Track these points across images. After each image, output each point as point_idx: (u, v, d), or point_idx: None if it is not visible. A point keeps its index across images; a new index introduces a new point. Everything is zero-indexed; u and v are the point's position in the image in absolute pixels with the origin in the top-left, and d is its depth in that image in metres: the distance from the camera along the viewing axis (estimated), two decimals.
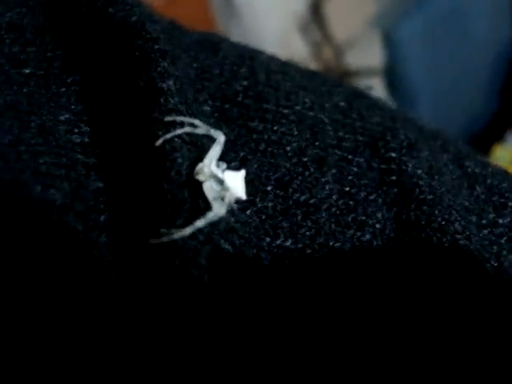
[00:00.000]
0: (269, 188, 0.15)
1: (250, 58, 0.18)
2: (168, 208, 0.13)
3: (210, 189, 0.14)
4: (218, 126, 0.15)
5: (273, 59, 0.19)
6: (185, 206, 0.13)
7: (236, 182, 0.14)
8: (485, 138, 1.16)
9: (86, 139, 0.15)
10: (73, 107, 0.15)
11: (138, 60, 0.15)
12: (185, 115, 0.14)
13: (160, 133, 0.14)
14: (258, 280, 0.13)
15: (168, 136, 0.14)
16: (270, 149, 0.15)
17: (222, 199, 0.14)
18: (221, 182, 0.14)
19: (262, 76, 0.17)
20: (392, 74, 1.11)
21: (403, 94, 1.08)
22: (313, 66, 1.27)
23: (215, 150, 0.14)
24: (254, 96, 0.16)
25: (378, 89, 1.22)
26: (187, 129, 0.14)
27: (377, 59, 1.24)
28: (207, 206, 0.14)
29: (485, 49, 1.20)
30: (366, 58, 1.32)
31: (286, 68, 0.18)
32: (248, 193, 0.15)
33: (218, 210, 0.13)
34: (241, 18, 1.37)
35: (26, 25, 0.16)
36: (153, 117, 0.14)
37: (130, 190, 0.14)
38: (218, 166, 0.14)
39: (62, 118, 0.15)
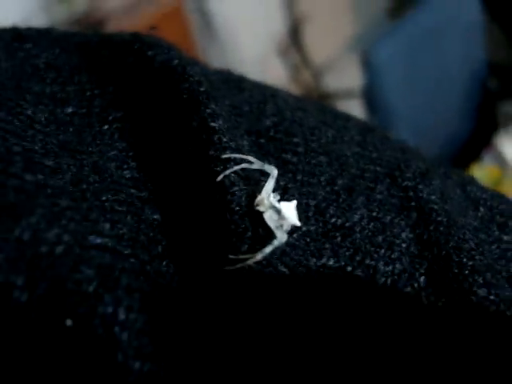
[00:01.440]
0: (310, 214, 0.16)
1: (272, 95, 0.19)
2: (232, 237, 0.15)
3: (270, 218, 0.15)
4: (259, 159, 0.16)
5: (290, 96, 0.20)
6: (247, 234, 0.15)
7: (290, 211, 0.16)
8: (462, 158, 1.18)
9: (136, 174, 0.16)
10: (117, 144, 0.16)
11: (187, 102, 0.16)
12: (236, 151, 0.16)
13: (218, 169, 0.15)
14: (309, 296, 0.15)
15: (227, 172, 0.15)
16: (305, 178, 0.17)
17: (282, 227, 0.15)
18: (278, 211, 0.15)
19: (288, 113, 0.19)
20: (370, 96, 1.13)
21: (382, 115, 1.10)
22: (292, 88, 1.29)
23: (270, 183, 0.15)
24: (283, 131, 0.18)
25: (356, 110, 1.24)
26: (244, 165, 0.15)
27: (355, 81, 1.25)
28: (268, 234, 0.15)
29: (460, 69, 1.23)
30: (344, 80, 1.33)
31: (303, 104, 0.20)
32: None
33: (281, 237, 0.15)
34: (220, 42, 1.39)
35: (63, 65, 0.17)
36: (209, 154, 0.15)
37: (188, 222, 0.15)
38: (273, 197, 0.16)
39: (110, 155, 0.16)
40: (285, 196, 0.17)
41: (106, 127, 0.16)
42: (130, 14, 1.18)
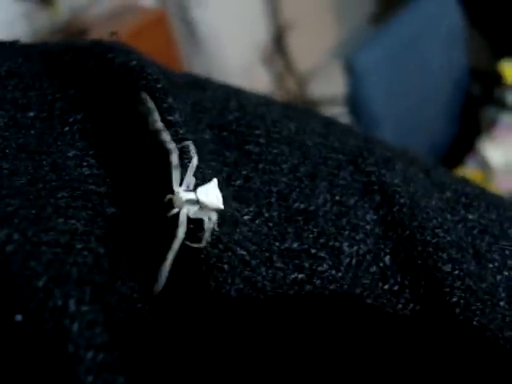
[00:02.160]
0: (272, 200, 0.17)
1: (235, 93, 0.20)
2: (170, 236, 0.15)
3: (190, 213, 0.15)
4: (219, 151, 0.17)
5: (253, 94, 0.21)
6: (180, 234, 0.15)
7: (210, 195, 0.16)
8: (446, 163, 1.18)
9: (96, 171, 0.16)
10: (78, 144, 0.17)
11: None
12: (193, 143, 0.16)
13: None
14: (272, 280, 0.15)
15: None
16: (267, 167, 0.18)
17: (206, 213, 0.15)
18: (196, 201, 0.15)
19: (250, 108, 0.19)
20: (354, 103, 1.13)
21: (366, 122, 1.10)
22: (276, 96, 1.29)
23: (176, 176, 0.15)
24: (245, 124, 0.19)
25: (341, 117, 1.24)
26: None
27: (339, 88, 1.26)
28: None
29: (443, 76, 1.24)
30: (328, 87, 1.34)
31: (266, 101, 0.21)
32: (255, 205, 0.17)
33: (208, 224, 0.15)
34: (205, 49, 1.39)
35: (25, 72, 0.18)
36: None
37: (142, 214, 0.16)
38: (185, 189, 0.16)
39: (70, 154, 0.16)
40: (246, 184, 0.17)
41: (66, 129, 0.17)
42: (113, 22, 1.17)
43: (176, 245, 0.14)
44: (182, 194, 0.15)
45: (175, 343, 0.14)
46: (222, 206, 0.15)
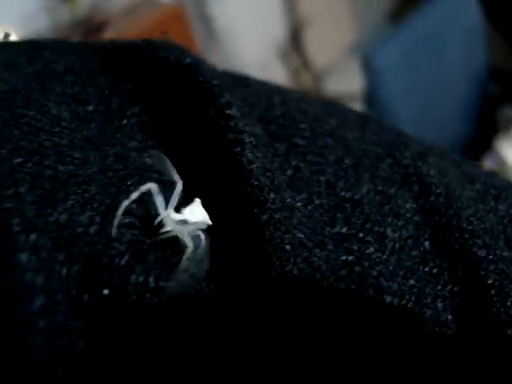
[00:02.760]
0: (321, 188, 0.18)
1: (277, 89, 0.21)
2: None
3: (180, 233, 0.16)
4: (269, 143, 0.18)
5: (292, 90, 0.22)
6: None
7: (196, 213, 0.16)
8: None
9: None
10: (137, 136, 0.18)
11: (204, 93, 0.17)
12: (251, 136, 0.17)
13: (237, 150, 0.17)
14: (326, 261, 0.16)
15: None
16: (315, 158, 0.19)
17: (193, 231, 0.16)
18: (184, 221, 0.16)
19: (292, 104, 0.20)
20: (371, 99, 1.13)
21: (382, 119, 1.09)
22: None
23: (159, 200, 0.16)
24: (290, 119, 0.19)
25: None
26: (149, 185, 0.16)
27: (355, 85, 1.26)
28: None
29: (460, 74, 1.23)
30: (344, 83, 1.34)
31: (306, 97, 0.22)
32: (306, 193, 0.18)
33: (190, 245, 0.15)
34: (221, 45, 1.39)
35: (80, 69, 0.19)
36: (227, 137, 0.17)
37: (206, 199, 0.17)
38: (171, 212, 0.16)
39: (131, 145, 0.17)
40: (296, 174, 0.18)
41: (124, 121, 0.18)
42: (131, 17, 1.18)
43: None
44: (173, 215, 0.15)
45: (235, 321, 0.15)
46: (209, 222, 0.16)
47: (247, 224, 0.16)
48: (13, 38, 0.22)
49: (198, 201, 0.16)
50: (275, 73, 1.39)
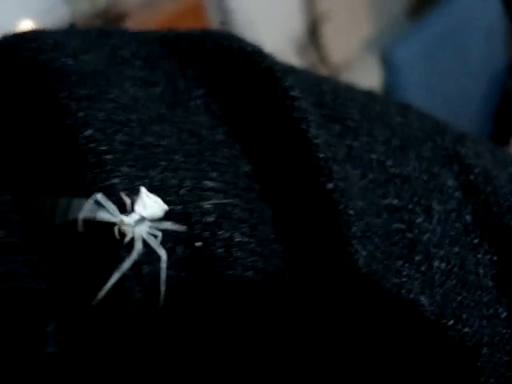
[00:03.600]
0: (373, 165, 0.19)
1: (323, 78, 0.22)
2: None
3: (139, 232, 0.16)
4: (325, 125, 0.19)
5: (336, 80, 0.24)
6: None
7: (150, 205, 0.16)
8: None
9: (224, 137, 0.18)
10: (204, 115, 0.19)
11: (268, 76, 0.19)
12: (313, 115, 0.18)
13: (304, 127, 0.18)
14: (381, 227, 0.18)
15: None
16: (365, 139, 0.20)
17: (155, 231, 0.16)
18: (142, 219, 0.16)
19: (339, 91, 0.21)
20: (389, 95, 1.12)
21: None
22: None
23: (109, 209, 0.16)
24: (340, 104, 0.21)
25: None
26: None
27: (373, 80, 1.25)
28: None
29: (480, 71, 1.22)
30: (362, 79, 1.33)
31: (349, 86, 0.23)
32: (360, 169, 0.19)
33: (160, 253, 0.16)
34: None
35: (146, 55, 0.20)
36: (294, 116, 0.18)
37: (274, 172, 0.18)
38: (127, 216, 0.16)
39: (200, 123, 0.19)
40: (350, 152, 0.19)
41: (192, 103, 0.19)
42: (150, 9, 1.18)
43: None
44: (126, 219, 0.16)
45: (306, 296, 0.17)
46: (166, 207, 0.16)
47: (314, 194, 0.17)
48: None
49: (142, 189, 0.16)
50: None
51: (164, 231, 0.16)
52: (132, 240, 0.15)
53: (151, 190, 0.16)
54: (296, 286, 0.16)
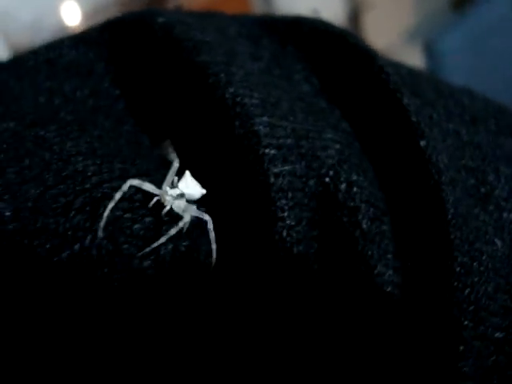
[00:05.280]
0: (451, 132, 0.22)
1: (398, 62, 0.25)
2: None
3: (178, 207, 0.17)
4: (412, 97, 0.21)
5: (402, 63, 0.26)
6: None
7: (190, 186, 0.18)
8: None
9: (327, 104, 0.21)
10: (307, 87, 0.21)
11: (364, 56, 0.21)
12: (404, 86, 0.20)
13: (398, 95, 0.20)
14: (460, 183, 0.20)
15: None
16: (442, 111, 0.22)
17: (191, 205, 0.18)
18: (182, 195, 0.18)
19: (415, 73, 0.24)
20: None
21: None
22: None
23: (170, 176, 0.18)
24: (418, 84, 0.23)
25: None
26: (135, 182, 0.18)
27: None
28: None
29: None
30: None
31: (419, 69, 0.26)
32: (440, 136, 0.21)
33: (187, 218, 0.17)
34: None
35: (248, 34, 0.22)
36: (389, 87, 0.20)
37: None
38: (169, 187, 0.18)
39: (305, 92, 0.21)
40: (432, 122, 0.21)
41: (295, 76, 0.22)
42: None
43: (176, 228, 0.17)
44: (169, 191, 0.17)
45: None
46: (203, 191, 0.18)
47: (408, 151, 0.19)
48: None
49: (187, 172, 0.18)
50: None
51: (282, 175, 0.18)
52: (171, 211, 0.17)
53: (287, 136, 0.18)
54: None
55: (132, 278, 0.16)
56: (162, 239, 0.16)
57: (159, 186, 0.17)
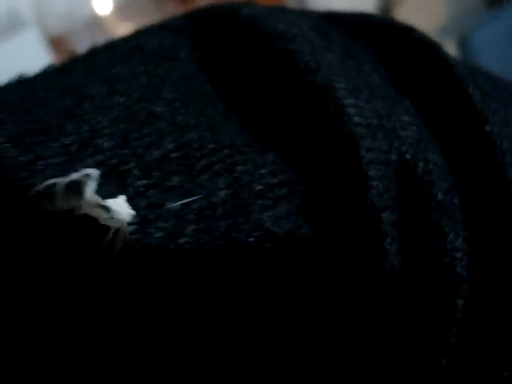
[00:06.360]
0: (509, 121, 0.22)
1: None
2: None
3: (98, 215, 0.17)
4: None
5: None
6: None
7: (120, 206, 0.17)
8: None
9: (395, 93, 0.22)
10: (376, 76, 0.22)
11: (426, 47, 0.22)
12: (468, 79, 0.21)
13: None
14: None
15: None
16: (500, 97, 0.23)
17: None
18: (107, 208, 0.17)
19: (464, 63, 0.24)
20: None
21: None
22: None
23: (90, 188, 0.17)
24: (472, 76, 0.23)
25: None
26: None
27: None
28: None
29: None
30: None
31: (471, 63, 0.27)
32: (502, 123, 0.21)
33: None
34: None
35: (317, 28, 0.23)
36: (455, 75, 0.22)
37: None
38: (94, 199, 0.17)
39: (374, 82, 0.22)
40: (492, 109, 0.22)
41: (365, 67, 0.23)
42: None
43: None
44: (95, 199, 0.17)
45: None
46: (133, 212, 0.17)
47: (474, 135, 0.21)
48: None
49: (122, 197, 0.17)
50: None
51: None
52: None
53: (373, 117, 0.20)
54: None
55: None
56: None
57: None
